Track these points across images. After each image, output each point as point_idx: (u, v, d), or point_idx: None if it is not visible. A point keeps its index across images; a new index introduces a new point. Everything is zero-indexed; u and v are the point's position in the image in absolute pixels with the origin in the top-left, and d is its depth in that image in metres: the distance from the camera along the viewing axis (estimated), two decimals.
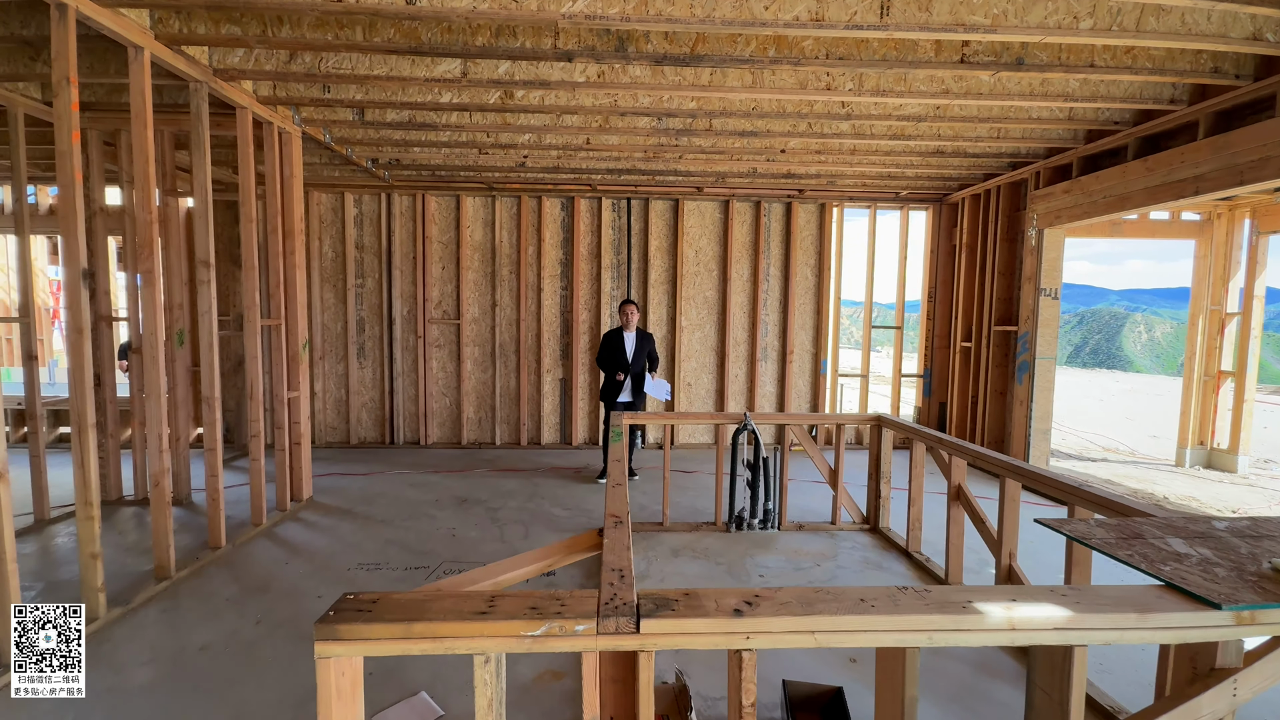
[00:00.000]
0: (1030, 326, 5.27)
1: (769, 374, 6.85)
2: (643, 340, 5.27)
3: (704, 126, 4.49)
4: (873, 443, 4.15)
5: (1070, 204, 4.83)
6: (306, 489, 4.59)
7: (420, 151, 5.23)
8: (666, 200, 6.63)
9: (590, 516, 4.37)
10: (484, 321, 6.63)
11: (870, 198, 6.65)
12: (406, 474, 5.47)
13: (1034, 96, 3.79)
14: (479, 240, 6.56)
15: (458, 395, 6.64)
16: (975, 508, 3.08)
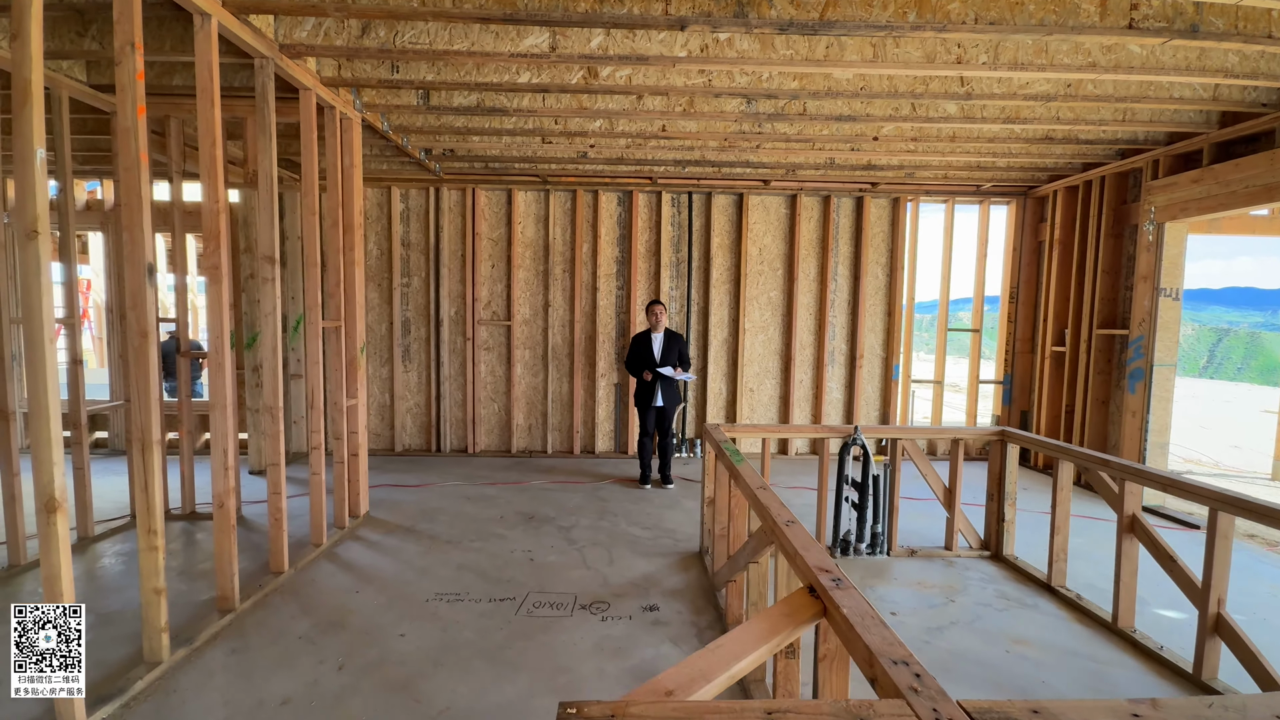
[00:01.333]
0: (1146, 330, 4.79)
1: (836, 379, 6.42)
2: (671, 340, 5.02)
3: (797, 110, 4.09)
4: (994, 459, 3.72)
5: (1200, 195, 4.36)
6: (363, 504, 4.26)
7: (479, 141, 4.88)
8: (730, 195, 6.23)
9: (675, 538, 3.98)
10: (535, 323, 6.27)
11: (948, 191, 6.20)
12: (460, 485, 5.12)
13: (1188, 72, 3.33)
14: (531, 237, 6.21)
15: (507, 401, 6.29)
16: (1159, 542, 2.64)
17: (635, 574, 3.40)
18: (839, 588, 1.41)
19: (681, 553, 3.73)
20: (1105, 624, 2.86)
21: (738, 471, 2.53)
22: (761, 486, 2.27)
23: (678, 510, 4.56)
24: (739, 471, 2.51)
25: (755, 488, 2.27)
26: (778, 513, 1.96)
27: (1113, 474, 2.83)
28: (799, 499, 4.75)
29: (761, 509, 2.06)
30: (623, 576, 3.36)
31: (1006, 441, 3.64)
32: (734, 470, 2.61)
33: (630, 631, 2.76)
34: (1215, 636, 2.37)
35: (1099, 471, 2.98)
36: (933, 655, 2.61)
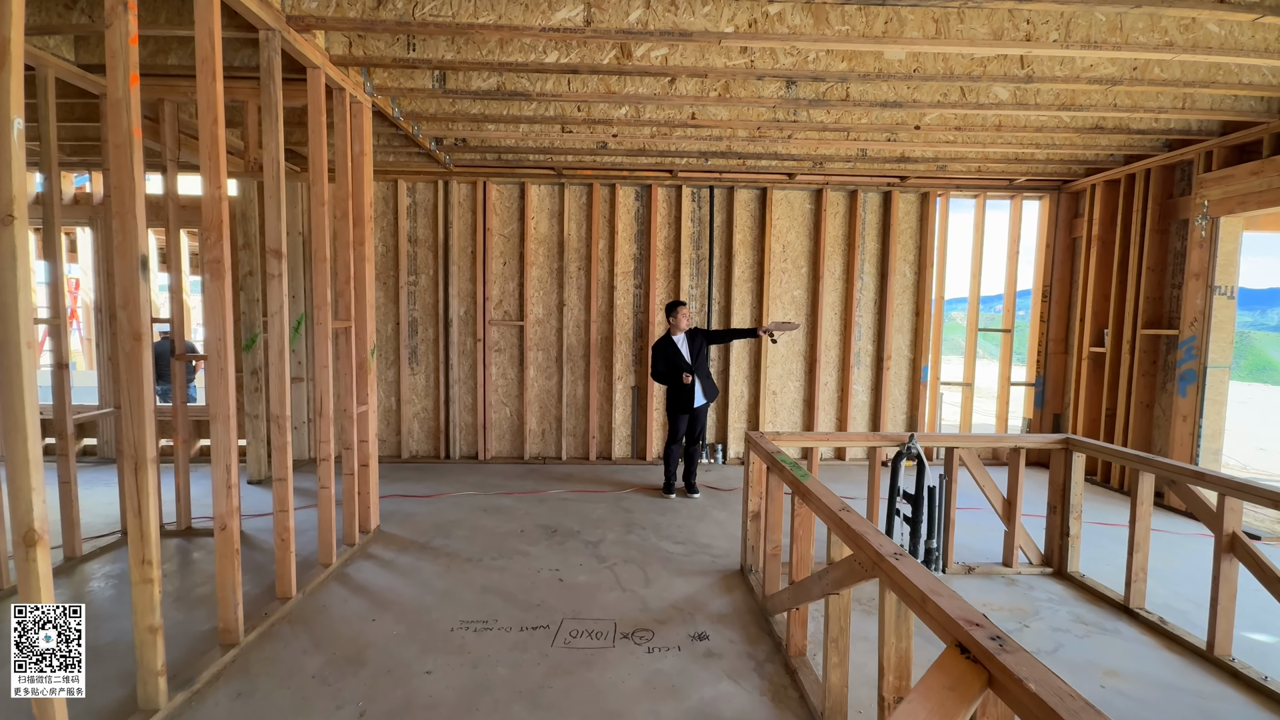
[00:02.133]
0: (1199, 330, 4.56)
1: (862, 381, 6.17)
2: (693, 338, 4.81)
3: (839, 96, 3.83)
4: (1057, 468, 3.47)
5: (1260, 188, 4.13)
6: (374, 518, 3.96)
7: (494, 130, 4.59)
8: (752, 189, 5.97)
9: (710, 554, 3.71)
10: (549, 323, 5.99)
11: (980, 185, 5.96)
12: (474, 495, 4.82)
13: (1266, 54, 3.09)
14: (544, 233, 5.92)
15: (519, 405, 6.00)
16: (1266, 563, 2.39)
17: (675, 596, 3.12)
18: (1005, 650, 1.14)
19: (721, 571, 3.46)
20: (1198, 651, 2.61)
21: (807, 490, 2.26)
22: (844, 508, 2.00)
23: (709, 522, 4.29)
24: (809, 490, 2.24)
25: (836, 509, 2.00)
26: (879, 542, 1.69)
27: (1212, 489, 2.58)
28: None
29: (853, 536, 1.79)
30: (662, 599, 3.09)
31: (1071, 450, 3.39)
32: (801, 488, 2.34)
33: (682, 665, 2.48)
34: None
35: (1190, 485, 2.73)
36: None
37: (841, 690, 2.03)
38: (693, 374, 4.72)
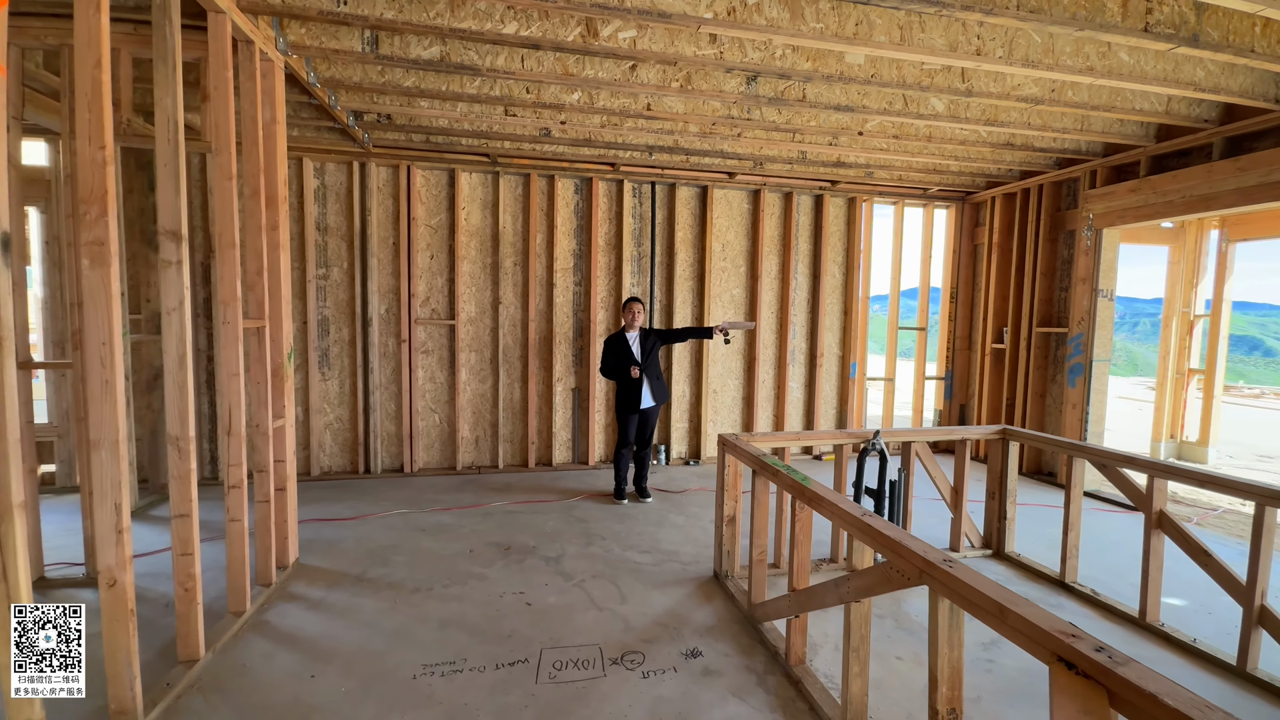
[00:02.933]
0: (1085, 328, 5.16)
1: (797, 378, 6.37)
2: (646, 337, 4.71)
3: (797, 96, 3.85)
4: (996, 457, 3.73)
5: (1137, 204, 4.74)
6: (293, 549, 3.40)
7: (428, 107, 4.13)
8: (693, 187, 5.93)
9: (679, 560, 3.58)
10: (483, 322, 5.55)
11: (899, 194, 6.36)
12: (407, 514, 4.33)
13: (1163, 82, 3.51)
14: (477, 225, 5.48)
15: (451, 410, 5.51)
16: (1192, 538, 2.69)
17: (656, 610, 2.96)
18: (1116, 661, 1.10)
19: (695, 579, 3.34)
20: (1133, 619, 2.89)
21: (816, 496, 2.18)
22: (866, 513, 1.94)
23: (668, 528, 4.16)
24: (819, 495, 2.17)
25: (859, 515, 1.93)
26: (922, 548, 1.63)
27: (1140, 471, 2.86)
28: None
29: (889, 543, 1.73)
30: (643, 615, 2.90)
31: (1008, 439, 3.65)
32: (806, 493, 2.26)
33: (683, 688, 2.32)
34: (1259, 628, 2.41)
35: (1120, 469, 3.02)
36: (1004, 676, 2.45)
37: (862, 700, 1.98)
38: (641, 369, 4.58)
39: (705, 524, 4.23)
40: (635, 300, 4.70)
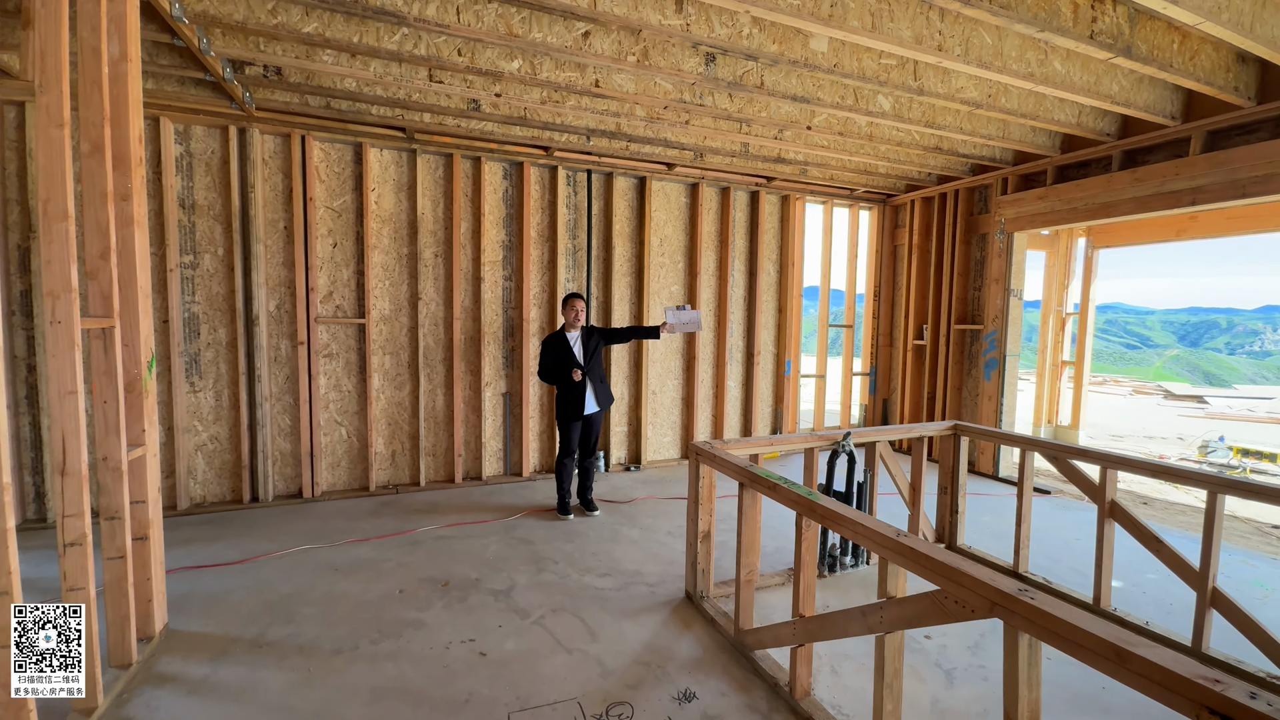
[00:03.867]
0: (999, 325, 5.51)
1: (735, 377, 6.28)
2: (589, 336, 4.35)
3: (755, 82, 3.66)
4: (947, 453, 3.79)
5: (1045, 210, 5.11)
6: (159, 614, 2.65)
7: (334, 61, 3.45)
8: (631, 178, 5.62)
9: (645, 581, 3.26)
10: (399, 320, 4.87)
11: (828, 193, 6.48)
12: (313, 549, 3.63)
13: (1086, 92, 3.71)
14: (390, 210, 4.78)
15: (361, 423, 4.78)
16: (1143, 526, 2.82)
17: (633, 646, 2.62)
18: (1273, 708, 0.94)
19: (665, 602, 3.04)
20: (1087, 605, 3.00)
21: (830, 512, 1.96)
22: (901, 533, 1.74)
23: (624, 544, 3.83)
24: (832, 511, 1.95)
25: (893, 535, 1.73)
26: (990, 576, 1.44)
27: (1095, 463, 2.97)
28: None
29: (947, 571, 1.53)
30: (619, 654, 2.55)
31: (960, 435, 3.72)
32: (813, 508, 2.04)
33: None
34: (1211, 610, 2.55)
35: (1070, 460, 3.13)
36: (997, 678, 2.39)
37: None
38: (584, 372, 4.20)
39: (662, 537, 3.95)
40: (577, 296, 4.31)
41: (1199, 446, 7.94)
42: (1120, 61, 3.23)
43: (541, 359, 4.30)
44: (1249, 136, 3.88)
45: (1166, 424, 10.67)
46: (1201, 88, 3.53)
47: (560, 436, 4.34)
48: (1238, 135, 3.95)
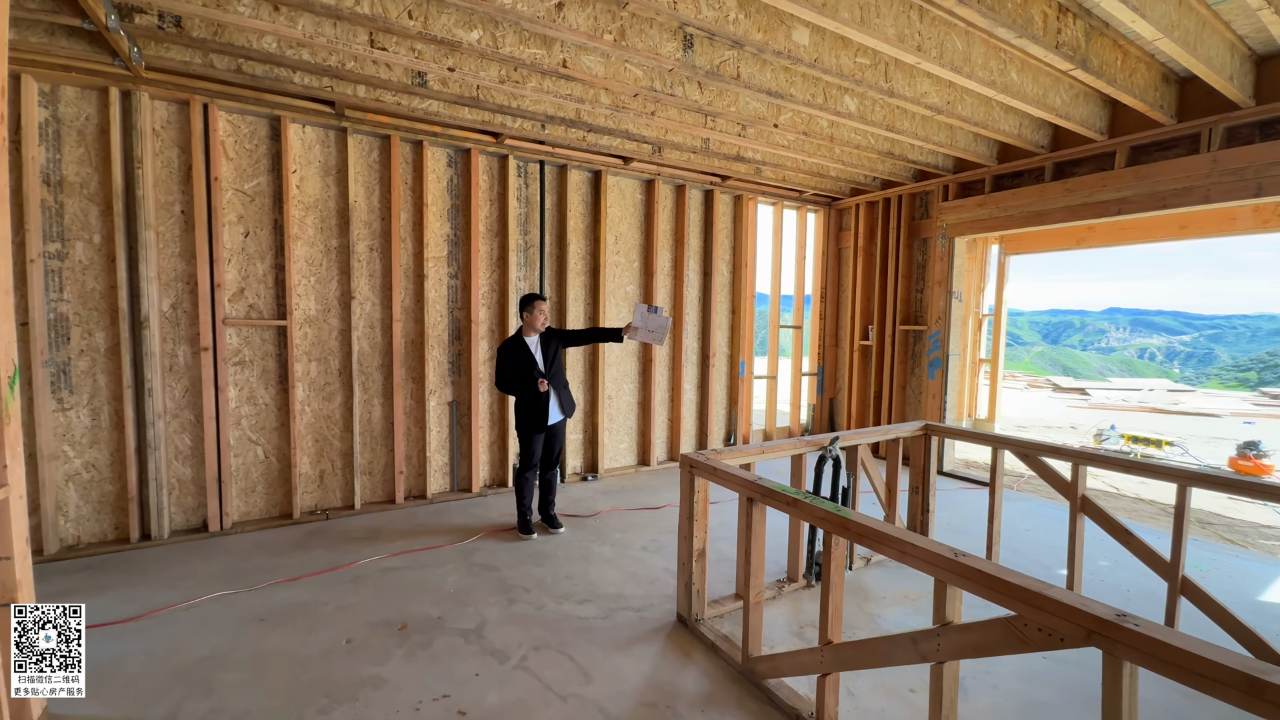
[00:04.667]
0: (942, 326, 5.75)
1: (690, 379, 6.15)
2: (548, 340, 4.01)
3: (732, 73, 3.50)
4: (919, 452, 3.82)
5: (984, 216, 5.37)
6: (35, 698, 2.05)
7: (250, 14, 2.88)
8: (586, 171, 5.32)
9: (629, 605, 3.00)
10: (328, 322, 4.28)
11: (779, 195, 6.51)
12: (230, 595, 3.05)
13: (1034, 103, 3.88)
14: (315, 195, 4.19)
15: (282, 439, 4.15)
16: (1114, 520, 2.93)
17: (633, 683, 2.35)
18: None
19: (657, 628, 2.79)
20: None
21: (868, 529, 1.81)
22: (960, 553, 1.61)
23: (598, 563, 3.54)
24: (872, 529, 1.80)
25: (951, 556, 1.59)
26: (1080, 601, 1.33)
27: (1067, 460, 3.06)
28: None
29: (1025, 595, 1.41)
30: (620, 695, 2.28)
31: (930, 435, 3.77)
32: (847, 526, 1.88)
33: None
34: (1181, 596, 2.68)
35: (1042, 457, 3.22)
36: (1012, 694, 2.36)
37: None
38: (548, 382, 3.88)
39: (637, 553, 3.70)
40: (538, 298, 3.96)
41: (1094, 435, 8.79)
42: (1079, 74, 3.37)
43: (499, 369, 3.91)
44: (1167, 152, 4.24)
45: (1059, 415, 11.82)
46: (1136, 103, 3.78)
47: (521, 449, 3.97)
48: (1157, 151, 4.30)
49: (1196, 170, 4.00)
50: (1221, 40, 3.38)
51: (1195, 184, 4.02)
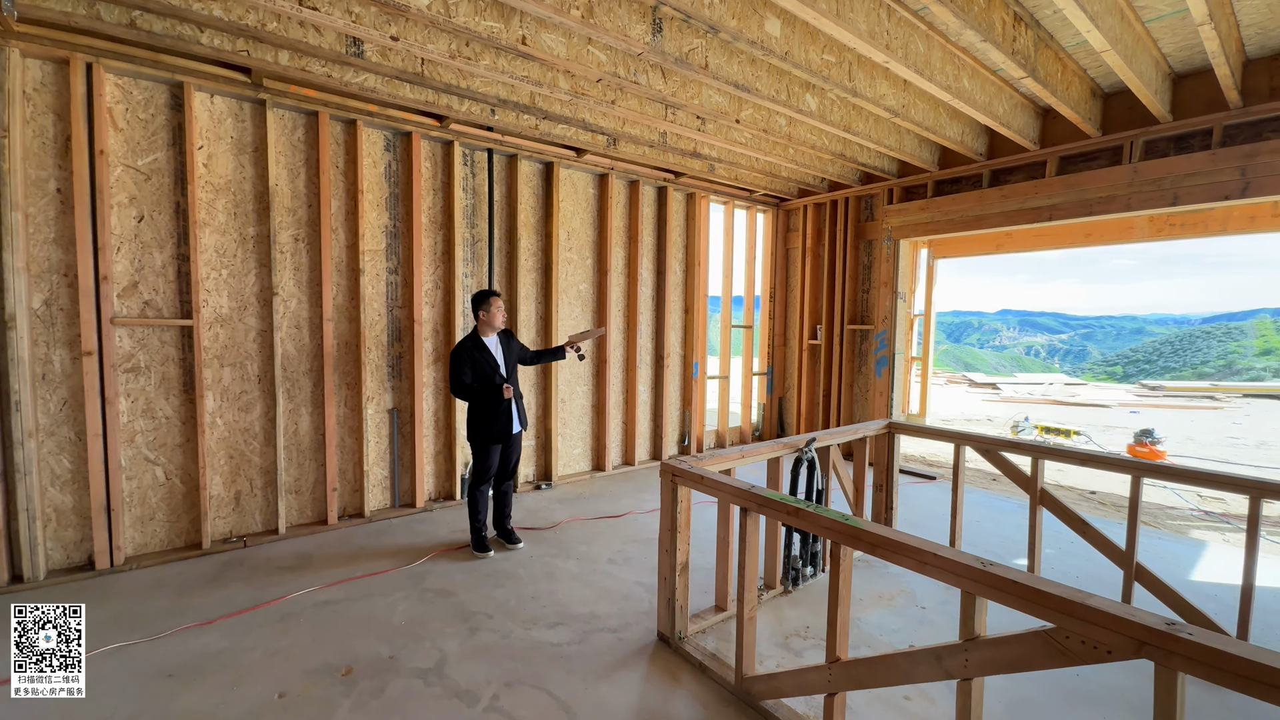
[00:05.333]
0: (889, 326, 5.92)
1: (645, 381, 5.99)
2: (509, 342, 3.77)
3: (700, 62, 3.36)
4: (882, 450, 3.85)
5: (927, 219, 5.57)
6: None
7: None
8: (537, 163, 5.03)
9: (607, 627, 2.78)
10: (244, 322, 3.75)
11: (730, 194, 6.48)
12: (126, 647, 2.55)
13: (981, 109, 4.03)
14: (228, 176, 3.66)
15: (188, 457, 3.59)
16: (1072, 512, 3.04)
17: (621, 717, 2.14)
18: None
19: (638, 649, 2.60)
20: None
21: (885, 540, 1.71)
22: (987, 562, 1.53)
23: (564, 581, 3.30)
24: (890, 540, 1.70)
25: (978, 565, 1.51)
26: (1126, 610, 1.27)
27: (1026, 454, 3.15)
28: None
29: (1065, 606, 1.34)
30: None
31: (894, 433, 3.80)
32: (859, 536, 1.77)
33: None
34: (1135, 583, 2.81)
35: (1001, 453, 3.31)
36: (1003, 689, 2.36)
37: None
38: (515, 388, 3.61)
39: (604, 567, 3.49)
40: (493, 294, 3.67)
41: (1011, 426, 9.47)
42: (1028, 82, 3.50)
43: (454, 372, 3.58)
44: (1091, 163, 4.53)
45: (977, 409, 12.70)
46: (1071, 114, 4.01)
47: (476, 461, 3.65)
48: (1082, 161, 4.59)
49: (1119, 180, 4.31)
50: (1150, 57, 3.63)
51: (1118, 193, 4.32)
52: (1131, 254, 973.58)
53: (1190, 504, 5.20)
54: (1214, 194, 3.89)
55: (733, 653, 2.52)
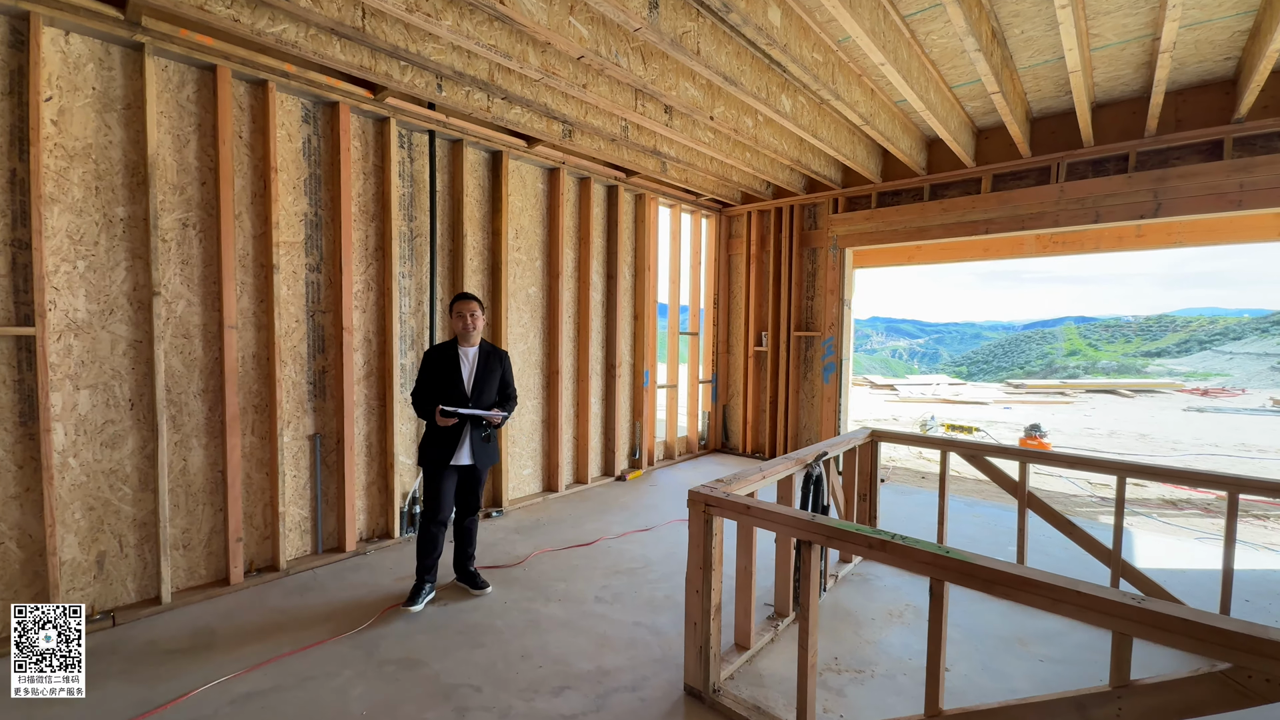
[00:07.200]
0: (836, 332, 6.03)
1: (596, 391, 5.60)
2: (489, 360, 3.20)
3: (693, 47, 3.10)
4: (866, 459, 3.80)
5: (871, 229, 5.74)
6: None
7: None
8: (483, 150, 4.49)
9: (618, 683, 2.38)
10: (111, 329, 2.88)
11: (677, 197, 6.29)
12: None
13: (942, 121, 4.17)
14: (87, 138, 2.79)
15: (28, 511, 2.66)
16: (1057, 513, 3.13)
17: None
18: None
19: (666, 710, 2.24)
20: None
21: (997, 573, 1.52)
22: (1141, 598, 1.38)
23: (553, 630, 2.84)
24: (1004, 573, 1.51)
25: (1130, 602, 1.36)
26: None
27: (1014, 459, 3.21)
28: (634, 550, 3.79)
29: (1251, 644, 1.20)
30: None
31: (877, 442, 3.77)
32: (957, 568, 1.57)
33: None
34: (1122, 579, 2.93)
35: (986, 458, 3.36)
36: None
37: None
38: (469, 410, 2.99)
39: (594, 607, 3.07)
40: (470, 298, 3.13)
41: (920, 425, 10.22)
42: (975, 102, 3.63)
43: (422, 377, 3.08)
44: (1021, 181, 4.88)
45: (882, 409, 13.65)
46: (1013, 131, 4.26)
47: (427, 491, 3.07)
48: (1013, 179, 4.94)
49: (1048, 198, 4.66)
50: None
51: (1047, 210, 4.68)
52: (969, 270, 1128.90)
53: (1087, 491, 5.77)
54: (1131, 213, 4.32)
55: (774, 700, 2.24)
